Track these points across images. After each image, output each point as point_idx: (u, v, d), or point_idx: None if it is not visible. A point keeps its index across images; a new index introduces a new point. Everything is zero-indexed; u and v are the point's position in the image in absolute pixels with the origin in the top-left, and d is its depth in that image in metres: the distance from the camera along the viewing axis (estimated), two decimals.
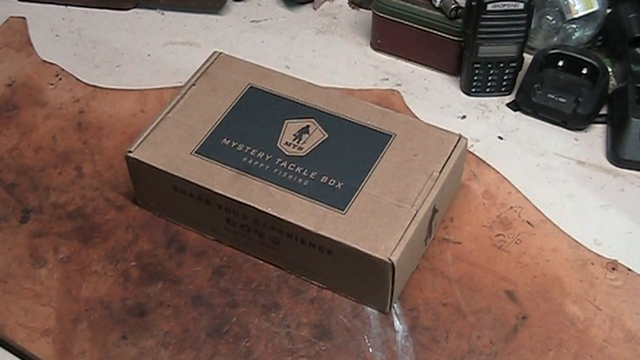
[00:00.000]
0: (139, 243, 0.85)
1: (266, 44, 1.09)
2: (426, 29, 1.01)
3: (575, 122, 0.96)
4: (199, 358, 0.76)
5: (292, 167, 0.81)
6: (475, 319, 0.78)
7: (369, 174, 0.80)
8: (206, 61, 0.92)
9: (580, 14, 1.00)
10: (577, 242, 0.85)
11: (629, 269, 0.82)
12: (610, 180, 0.92)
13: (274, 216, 0.77)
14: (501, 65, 0.98)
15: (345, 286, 0.80)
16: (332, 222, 0.76)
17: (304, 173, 0.80)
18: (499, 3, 0.92)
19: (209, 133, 0.84)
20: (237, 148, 0.83)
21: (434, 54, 1.03)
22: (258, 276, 0.82)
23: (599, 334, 0.77)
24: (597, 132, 0.97)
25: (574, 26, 1.01)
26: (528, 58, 1.00)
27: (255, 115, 0.86)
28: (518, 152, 0.95)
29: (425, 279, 0.82)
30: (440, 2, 0.99)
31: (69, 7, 1.15)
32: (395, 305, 0.79)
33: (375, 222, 0.76)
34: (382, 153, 0.82)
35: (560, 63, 0.98)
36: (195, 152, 0.82)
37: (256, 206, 0.78)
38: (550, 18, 1.01)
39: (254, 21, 1.13)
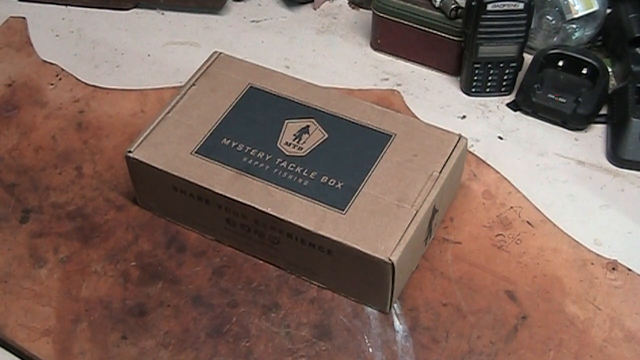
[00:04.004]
0: (139, 243, 0.85)
1: (266, 44, 1.10)
2: (426, 29, 1.01)
3: (575, 122, 0.96)
4: (199, 358, 0.76)
5: (292, 167, 0.81)
6: (475, 319, 0.78)
7: (369, 174, 0.80)
8: (206, 61, 0.92)
9: (580, 14, 1.00)
10: (577, 242, 0.85)
11: (629, 269, 0.82)
12: (610, 180, 0.92)
13: (274, 216, 0.77)
14: (501, 65, 0.98)
15: (345, 286, 0.80)
16: (332, 222, 0.76)
17: (304, 173, 0.80)
18: (499, 3, 0.92)
19: (209, 133, 0.84)
20: (237, 148, 0.83)
21: (434, 54, 1.03)
22: (258, 276, 0.82)
23: (599, 334, 0.77)
24: (597, 132, 0.97)
25: (574, 26, 1.01)
26: (528, 58, 1.00)
27: (255, 115, 0.86)
28: (518, 152, 0.95)
29: (425, 279, 0.82)
30: (440, 2, 0.99)
31: (69, 7, 1.15)
32: (395, 305, 0.79)
33: (375, 222, 0.76)
34: (382, 153, 0.82)
35: (560, 63, 0.98)
36: (195, 152, 0.82)
37: (256, 206, 0.78)
38: (550, 18, 1.01)
39: (254, 21, 1.13)
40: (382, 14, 1.03)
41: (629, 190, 0.90)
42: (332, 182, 0.79)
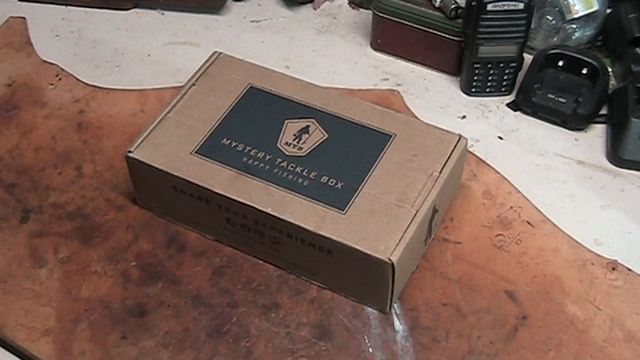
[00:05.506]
0: (139, 243, 0.85)
1: (266, 44, 1.10)
2: (426, 29, 1.01)
3: (575, 122, 0.96)
4: (199, 358, 0.76)
5: (292, 167, 0.81)
6: (475, 319, 0.78)
7: (369, 174, 0.80)
8: (206, 61, 0.92)
9: (580, 14, 1.00)
10: (577, 242, 0.85)
11: (629, 269, 0.82)
12: (610, 180, 0.92)
13: (274, 216, 0.77)
14: (501, 65, 0.98)
15: (345, 286, 0.80)
16: (332, 222, 0.76)
17: (304, 173, 0.80)
18: (499, 3, 0.92)
19: (209, 133, 0.84)
20: (237, 148, 0.83)
21: (434, 54, 1.03)
22: (258, 276, 0.82)
23: (599, 334, 0.77)
24: (597, 132, 0.97)
25: (574, 26, 1.01)
26: (528, 58, 1.00)
27: (255, 115, 0.86)
28: (518, 152, 0.95)
29: (425, 279, 0.82)
30: (440, 2, 0.99)
31: (69, 7, 1.15)
32: (395, 305, 0.79)
33: (375, 222, 0.76)
34: (382, 153, 0.82)
35: (560, 63, 0.98)
36: (195, 152, 0.82)
37: (256, 206, 0.78)
38: (550, 18, 1.01)
39: (254, 21, 1.13)
40: (382, 14, 1.03)
41: (629, 190, 0.90)
42: (332, 182, 0.79)
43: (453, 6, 0.98)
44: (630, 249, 0.84)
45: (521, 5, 0.92)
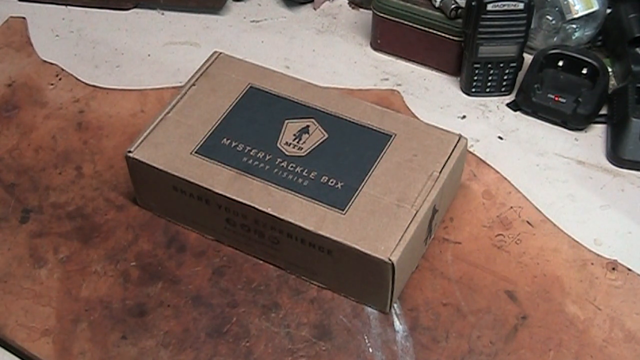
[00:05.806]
0: (139, 243, 0.85)
1: (266, 44, 1.10)
2: (426, 29, 1.01)
3: (575, 122, 0.96)
4: (199, 358, 0.76)
5: (292, 167, 0.81)
6: (475, 319, 0.78)
7: (369, 174, 0.80)
8: (206, 61, 0.92)
9: (580, 14, 1.00)
10: (577, 242, 0.85)
11: (629, 269, 0.82)
12: (610, 180, 0.92)
13: (274, 216, 0.77)
14: (501, 65, 0.98)
15: (345, 286, 0.80)
16: (332, 222, 0.76)
17: (304, 173, 0.80)
18: (499, 3, 0.92)
19: (209, 133, 0.84)
20: (237, 148, 0.83)
21: (434, 54, 1.03)
22: (258, 276, 0.82)
23: (599, 334, 0.77)
24: (597, 132, 0.97)
25: (574, 26, 1.01)
26: (528, 58, 1.00)
27: (255, 115, 0.86)
28: (518, 152, 0.95)
29: (425, 279, 0.82)
30: (440, 2, 0.99)
31: (69, 7, 1.15)
32: (395, 305, 0.79)
33: (375, 222, 0.76)
34: (382, 153, 0.82)
35: (560, 63, 0.98)
36: (195, 152, 0.82)
37: (256, 206, 0.78)
38: (550, 18, 1.01)
39: (254, 21, 1.13)
40: (382, 14, 1.03)
41: (629, 190, 0.90)
42: (332, 182, 0.79)
43: (453, 6, 0.98)
44: (630, 249, 0.84)
45: (521, 5, 0.92)
